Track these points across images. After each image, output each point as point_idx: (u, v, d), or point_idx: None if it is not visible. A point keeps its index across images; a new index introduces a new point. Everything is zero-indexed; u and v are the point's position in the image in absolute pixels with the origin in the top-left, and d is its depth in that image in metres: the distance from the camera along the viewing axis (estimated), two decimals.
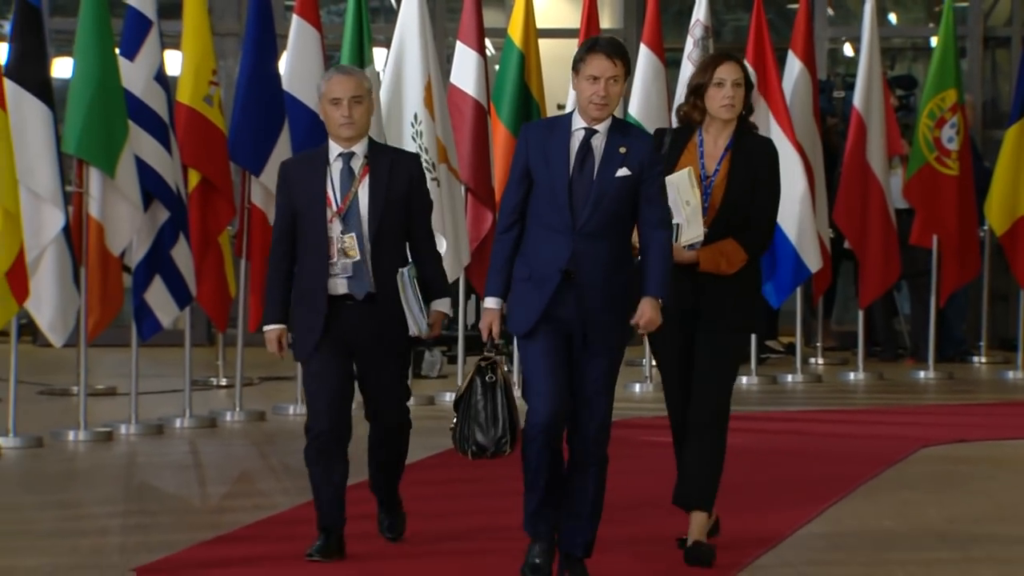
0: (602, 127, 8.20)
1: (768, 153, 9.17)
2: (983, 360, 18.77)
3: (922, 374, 17.95)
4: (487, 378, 8.26)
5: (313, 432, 8.95)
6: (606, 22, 18.31)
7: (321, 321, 8.76)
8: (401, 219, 8.77)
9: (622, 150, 8.16)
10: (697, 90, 8.93)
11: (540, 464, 8.29)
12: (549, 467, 8.33)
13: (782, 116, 15.80)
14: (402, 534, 9.56)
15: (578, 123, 8.24)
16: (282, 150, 13.78)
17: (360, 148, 8.74)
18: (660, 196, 8.30)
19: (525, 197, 8.23)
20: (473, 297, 16.29)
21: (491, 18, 16.24)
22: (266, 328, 8.95)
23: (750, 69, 9.29)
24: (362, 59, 14.26)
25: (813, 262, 15.95)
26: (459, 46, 15.10)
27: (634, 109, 15.61)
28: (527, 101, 15.26)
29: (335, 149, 8.76)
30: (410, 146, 14.30)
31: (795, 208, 15.67)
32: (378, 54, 14.85)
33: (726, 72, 8.87)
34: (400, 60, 14.46)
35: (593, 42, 8.29)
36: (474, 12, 15.01)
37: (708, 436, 9.13)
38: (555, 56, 16.47)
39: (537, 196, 8.21)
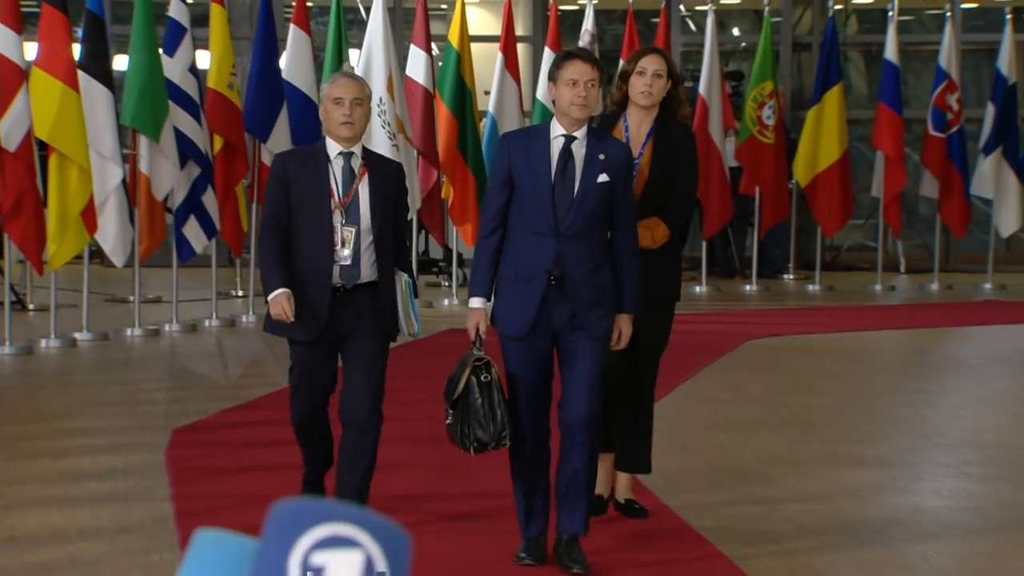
0: (580, 134, 6.63)
1: (688, 139, 7.69)
2: (791, 277, 18.90)
3: (747, 287, 18.10)
4: (483, 378, 6.68)
5: (299, 411, 7.24)
6: (520, 30, 18.28)
7: (326, 304, 6.90)
8: (391, 220, 7.03)
9: (601, 157, 6.60)
10: (623, 76, 7.51)
11: (528, 466, 6.76)
12: (539, 469, 6.80)
13: None
14: None
15: (557, 130, 6.67)
16: (282, 123, 13.95)
17: (358, 149, 7.01)
18: (632, 202, 6.81)
19: (507, 202, 6.68)
20: (424, 231, 16.30)
21: (436, 27, 16.26)
22: (273, 294, 6.90)
23: (674, 63, 7.83)
24: (340, 57, 14.48)
25: None
26: (412, 48, 15.20)
27: (540, 94, 15.62)
28: (462, 89, 15.36)
29: (334, 147, 6.98)
30: (376, 121, 14.38)
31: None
32: (353, 54, 14.96)
33: (648, 63, 7.45)
34: (369, 58, 14.54)
35: (568, 52, 6.82)
36: (423, 23, 15.14)
37: (647, 401, 7.67)
38: (482, 56, 16.50)
39: (520, 201, 6.65)
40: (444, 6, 16.95)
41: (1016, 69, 17.63)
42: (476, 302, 6.77)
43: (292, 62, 14.32)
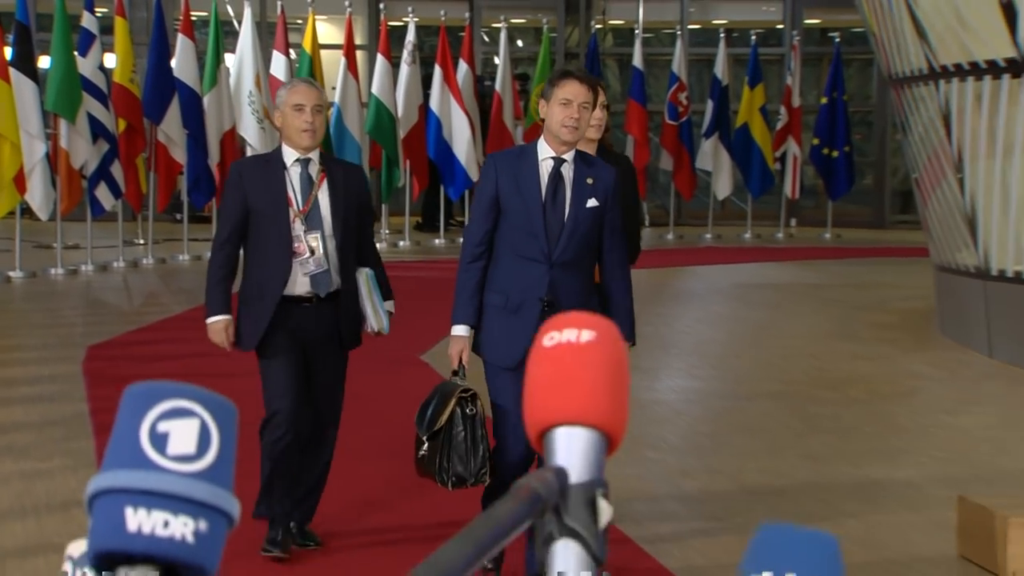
0: (569, 156, 4.95)
1: (630, 165, 5.97)
2: None
3: None
4: (468, 410, 5.05)
5: (277, 419, 5.25)
6: (358, 40, 18.07)
7: (271, 313, 5.22)
8: (354, 224, 5.36)
9: (589, 181, 4.96)
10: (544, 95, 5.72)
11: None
12: None
13: (457, 96, 15.91)
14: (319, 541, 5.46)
15: (545, 152, 4.94)
16: (173, 109, 13.68)
17: (315, 156, 5.31)
18: (620, 227, 5.10)
19: (493, 227, 4.97)
20: None
21: (293, 37, 16.06)
22: (212, 320, 5.29)
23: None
24: (218, 59, 14.29)
25: (473, 174, 16.03)
26: (275, 53, 15.05)
27: (375, 89, 15.53)
28: None
29: (291, 155, 5.29)
30: (247, 109, 14.27)
31: (464, 145, 15.92)
32: (228, 57, 14.76)
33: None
34: (241, 60, 14.44)
35: (565, 71, 5.07)
36: (282, 33, 15.02)
37: None
38: (329, 59, 16.32)
39: (509, 225, 4.95)
40: (299, 20, 16.71)
41: (728, 75, 17.97)
42: (460, 329, 5.02)
43: (180, 63, 14.13)
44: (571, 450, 1.04)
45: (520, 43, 21.17)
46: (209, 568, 1.10)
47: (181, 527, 1.07)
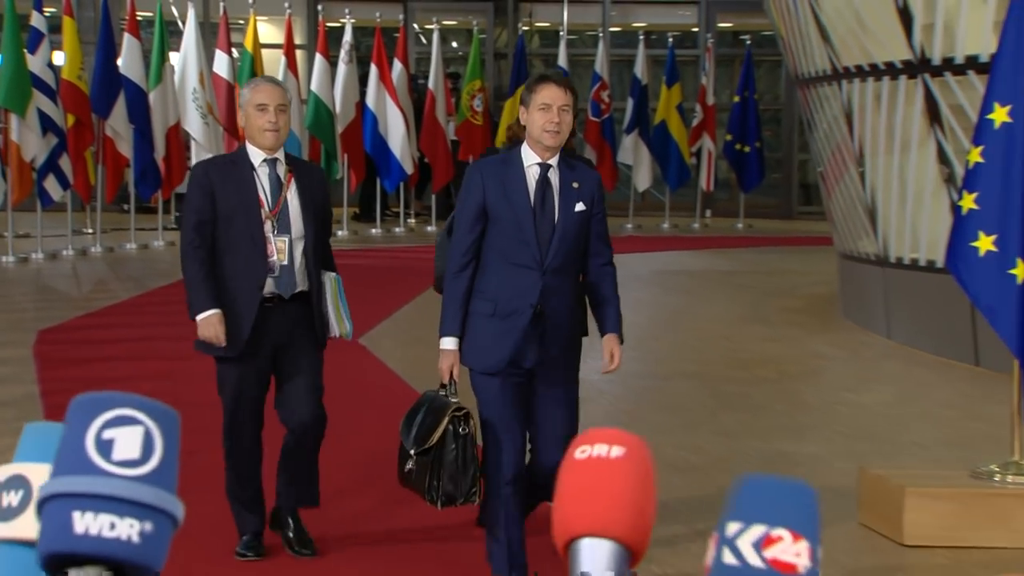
0: (554, 161, 4.61)
1: (593, 168, 5.24)
2: None
3: None
4: (460, 429, 4.64)
5: (235, 427, 4.94)
6: (297, 40, 17.95)
7: (251, 319, 4.81)
8: (320, 226, 4.97)
9: (575, 185, 4.62)
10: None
11: (509, 515, 4.60)
12: (518, 517, 4.64)
13: (392, 93, 15.95)
14: (315, 548, 5.04)
15: (531, 158, 4.61)
16: (120, 105, 13.50)
17: (280, 156, 4.93)
18: (606, 229, 4.80)
19: (480, 236, 4.60)
20: None
21: (235, 37, 15.92)
22: (203, 315, 4.80)
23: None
24: (163, 57, 14.16)
25: (408, 168, 16.07)
26: (217, 52, 14.97)
27: (314, 87, 15.48)
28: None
29: (257, 155, 4.90)
30: (191, 105, 14.21)
31: (399, 140, 15.96)
32: (173, 56, 14.62)
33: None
34: (185, 59, 14.39)
35: (542, 75, 4.72)
36: (225, 33, 14.97)
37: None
38: (271, 58, 16.23)
39: (499, 233, 4.58)
40: (241, 21, 16.56)
41: (647, 74, 18.05)
42: (450, 343, 4.60)
43: (127, 61, 13.98)
44: (595, 560, 1.05)
45: (452, 44, 21.11)
46: (155, 566, 1.10)
47: (127, 528, 1.07)
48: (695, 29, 20.73)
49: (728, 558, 1.00)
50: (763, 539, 1.00)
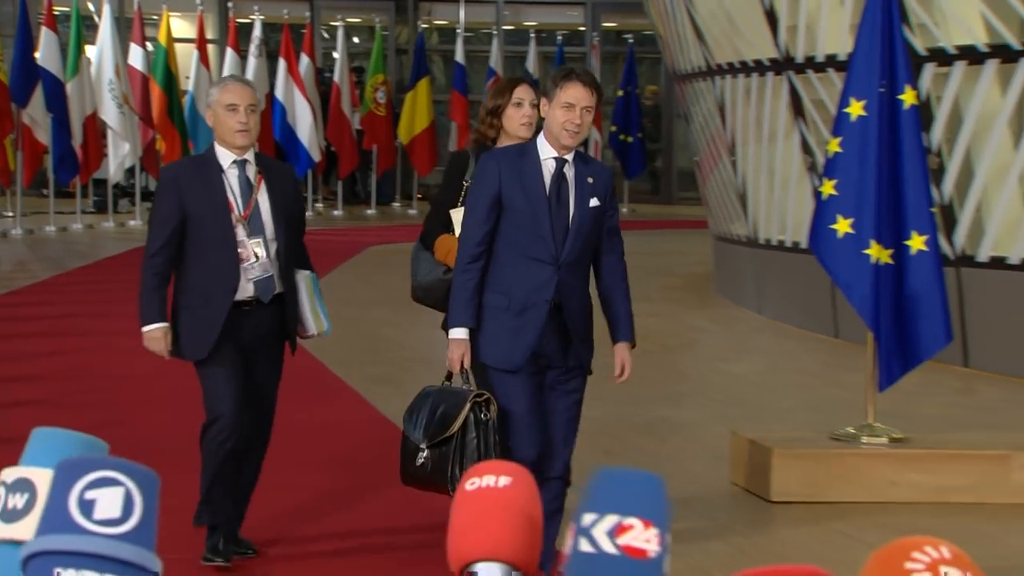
0: (570, 156, 4.21)
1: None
2: (399, 204, 18.91)
3: (369, 211, 18.01)
4: (482, 416, 4.21)
5: (220, 423, 4.43)
6: (209, 35, 17.63)
7: (221, 322, 4.38)
8: (293, 226, 4.56)
9: (590, 180, 4.23)
10: (495, 111, 4.66)
11: None
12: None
13: (299, 86, 15.87)
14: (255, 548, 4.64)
15: (547, 151, 4.19)
16: (38, 95, 13.22)
17: (250, 156, 4.47)
18: (618, 227, 4.40)
19: (493, 228, 4.19)
20: (143, 172, 15.72)
21: (149, 31, 15.67)
22: (149, 328, 4.42)
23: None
24: (79, 51, 13.88)
25: (315, 156, 15.96)
26: (132, 45, 14.83)
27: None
28: (169, 74, 14.97)
29: (226, 156, 4.43)
30: (108, 95, 13.99)
31: (306, 129, 15.90)
32: (90, 49, 14.35)
33: (524, 93, 4.63)
34: (101, 51, 14.23)
35: (569, 70, 4.23)
36: (139, 27, 14.91)
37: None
38: (184, 52, 15.97)
39: (514, 225, 4.18)
40: (155, 16, 16.26)
41: (538, 69, 18.12)
42: (461, 332, 4.20)
43: (45, 53, 13.68)
44: None
45: (356, 39, 20.94)
46: None
47: None
48: (582, 28, 20.84)
49: (584, 546, 1.00)
50: (616, 528, 1.00)
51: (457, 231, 4.45)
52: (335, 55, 17.10)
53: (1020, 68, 7.88)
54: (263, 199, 4.44)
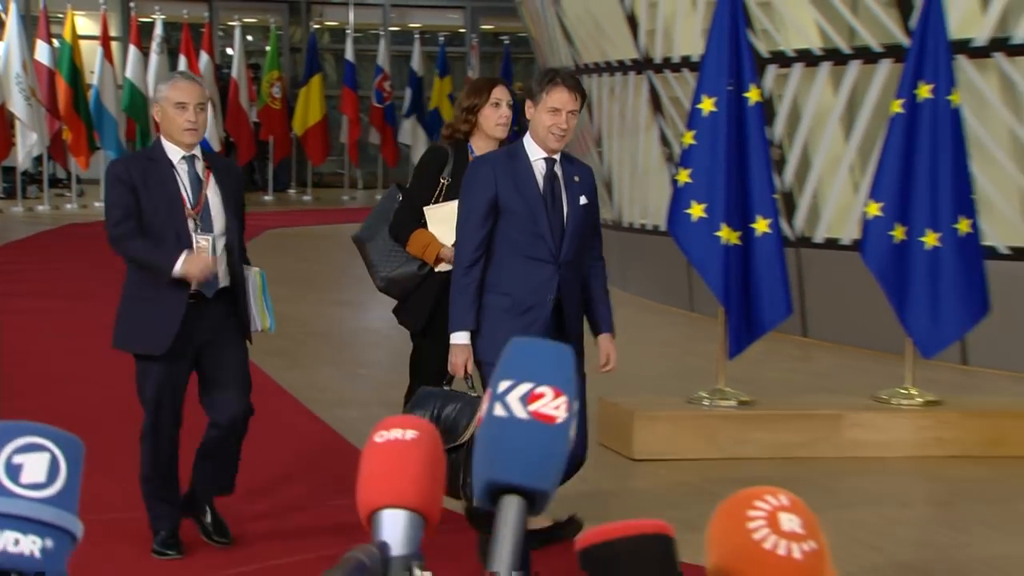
0: (557, 156, 3.94)
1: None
2: (294, 191, 18.67)
3: (267, 198, 17.76)
4: None
5: (154, 424, 4.07)
6: (112, 32, 17.15)
7: (179, 319, 3.97)
8: (239, 222, 4.16)
9: (576, 179, 3.96)
10: (472, 108, 4.39)
11: None
12: None
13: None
14: (231, 537, 4.25)
15: (536, 153, 3.91)
16: None
17: (198, 152, 4.09)
18: (599, 223, 4.14)
19: (491, 231, 3.87)
20: (51, 161, 15.21)
21: (55, 28, 15.16)
22: (181, 259, 3.96)
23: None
24: None
25: (215, 146, 15.66)
26: (39, 41, 14.46)
27: (129, 74, 14.93)
28: (74, 69, 14.68)
29: (175, 152, 4.05)
30: (15, 88, 13.50)
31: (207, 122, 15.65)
32: None
33: (502, 94, 4.44)
34: (9, 47, 13.91)
35: (554, 74, 3.94)
36: (45, 25, 14.61)
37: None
38: (88, 48, 15.56)
39: (512, 226, 3.87)
40: (60, 15, 15.74)
41: (422, 68, 18.06)
42: (463, 337, 3.86)
43: None
44: (394, 528, 1.03)
45: (250, 38, 20.56)
46: None
47: (30, 544, 1.07)
48: (462, 30, 20.76)
49: (499, 411, 0.99)
50: (528, 395, 0.99)
51: (431, 226, 4.18)
52: (229, 51, 16.78)
53: (850, 70, 8.04)
54: (212, 195, 4.07)
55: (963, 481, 5.34)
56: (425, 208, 4.27)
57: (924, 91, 5.87)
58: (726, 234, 5.61)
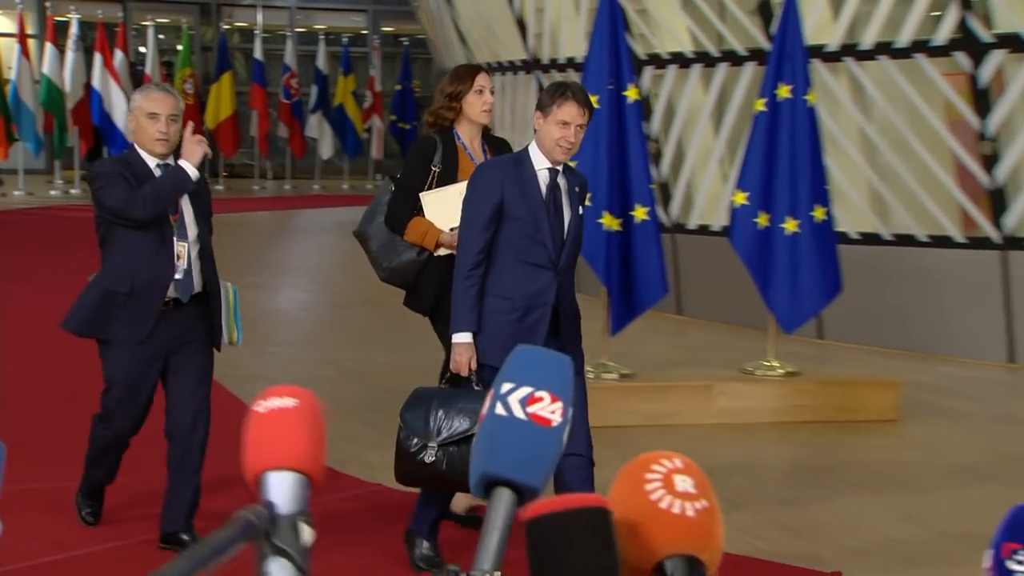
0: (561, 167, 3.77)
1: (507, 144, 4.31)
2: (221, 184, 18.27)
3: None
4: None
5: (115, 429, 3.92)
6: (29, 30, 16.56)
7: (154, 316, 3.82)
8: (209, 228, 4.01)
9: (576, 189, 3.83)
10: (456, 95, 4.14)
11: None
12: None
13: (115, 77, 15.11)
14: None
15: (542, 162, 3.73)
16: None
17: (172, 161, 3.90)
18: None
19: (493, 236, 3.73)
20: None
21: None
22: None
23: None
24: None
25: (130, 139, 15.31)
26: None
27: (46, 70, 14.45)
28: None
29: (151, 160, 3.88)
30: None
31: (122, 116, 15.27)
32: None
33: (485, 81, 4.18)
34: None
35: (564, 88, 3.73)
36: None
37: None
38: (6, 45, 14.96)
39: (514, 232, 3.73)
40: None
41: (327, 66, 17.87)
42: (466, 337, 3.72)
43: None
44: (280, 488, 1.03)
45: (163, 37, 20.05)
46: None
47: None
48: (364, 32, 20.60)
49: (499, 410, 1.01)
50: (528, 398, 1.01)
51: (427, 213, 4.05)
52: (143, 50, 16.32)
53: (718, 71, 8.17)
54: (185, 202, 3.89)
55: (819, 444, 5.50)
56: (421, 193, 4.11)
57: (784, 91, 6.01)
58: (608, 221, 5.67)
